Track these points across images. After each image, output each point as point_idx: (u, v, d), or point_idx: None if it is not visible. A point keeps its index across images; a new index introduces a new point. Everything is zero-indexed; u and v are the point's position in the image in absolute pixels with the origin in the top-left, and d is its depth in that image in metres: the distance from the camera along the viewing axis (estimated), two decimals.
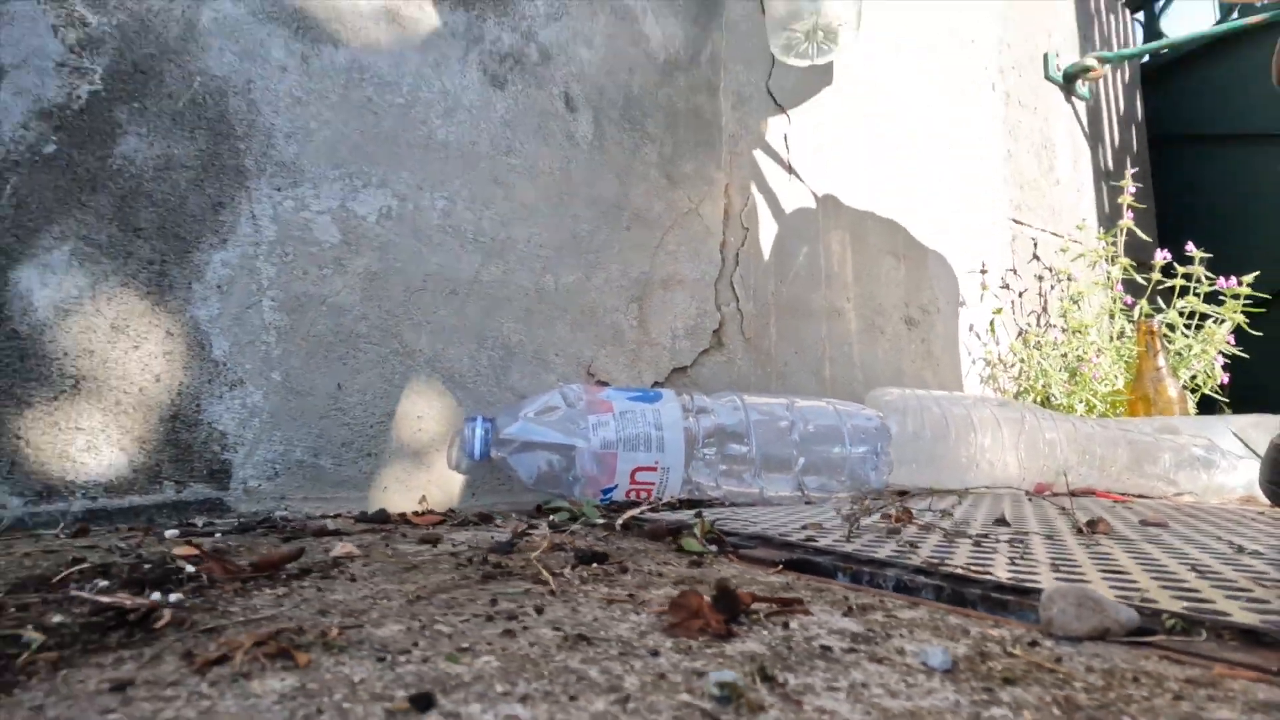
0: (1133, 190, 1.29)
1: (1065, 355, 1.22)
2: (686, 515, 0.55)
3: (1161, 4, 1.91)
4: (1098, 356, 1.16)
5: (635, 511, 0.55)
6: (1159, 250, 1.24)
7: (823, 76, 1.08)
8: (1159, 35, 1.89)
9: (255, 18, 0.64)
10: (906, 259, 1.16)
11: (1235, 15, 1.75)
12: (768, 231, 0.99)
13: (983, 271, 1.23)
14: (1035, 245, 1.42)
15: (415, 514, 0.59)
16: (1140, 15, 1.95)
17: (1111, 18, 1.80)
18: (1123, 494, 0.81)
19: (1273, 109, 1.58)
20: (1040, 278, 1.40)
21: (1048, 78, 1.53)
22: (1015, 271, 1.35)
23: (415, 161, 0.71)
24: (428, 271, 0.70)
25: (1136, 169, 1.38)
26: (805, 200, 1.04)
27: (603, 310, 0.82)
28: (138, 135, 0.57)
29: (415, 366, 0.68)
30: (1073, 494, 0.78)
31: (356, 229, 0.67)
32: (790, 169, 1.03)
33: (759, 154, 1.00)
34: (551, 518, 0.56)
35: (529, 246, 0.77)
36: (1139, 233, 1.29)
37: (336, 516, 0.58)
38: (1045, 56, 1.53)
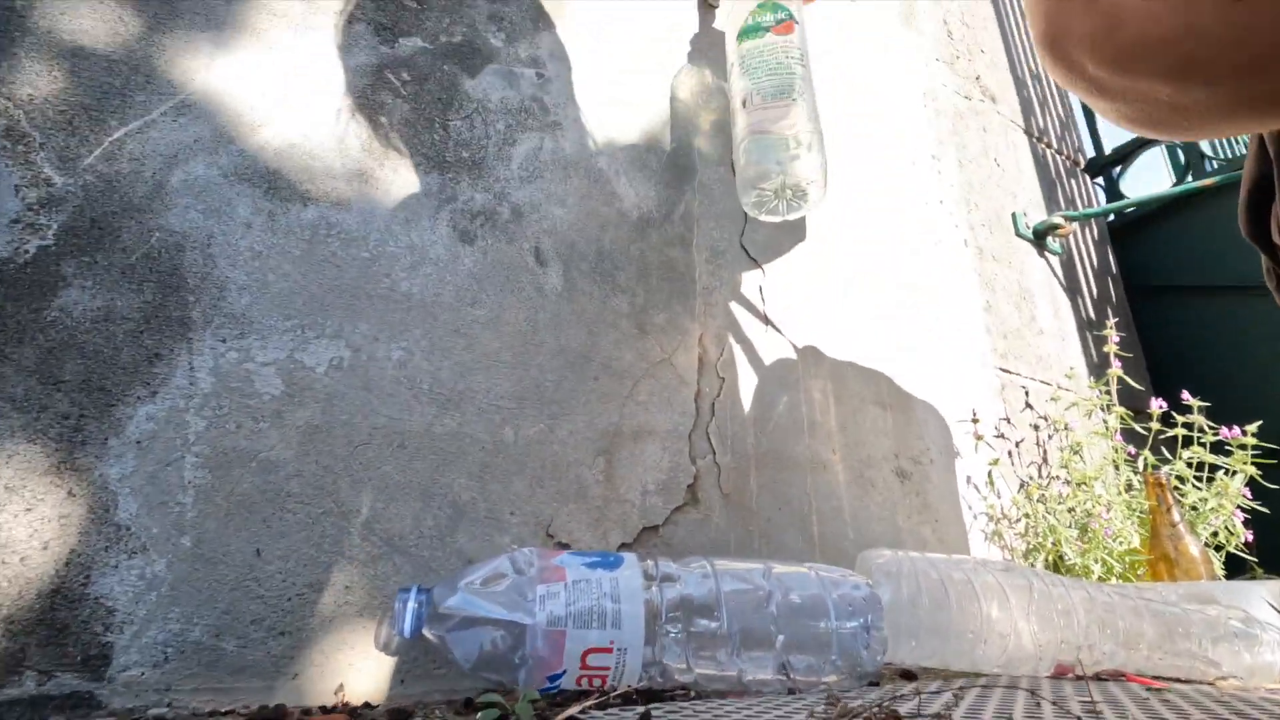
0: (1116, 339, 1.29)
1: (1073, 510, 1.15)
2: (633, 715, 0.46)
3: (1119, 170, 2.04)
4: (1107, 512, 1.09)
5: (575, 710, 0.47)
6: (1154, 398, 1.20)
7: (795, 233, 1.11)
8: (1120, 197, 1.99)
9: (226, 178, 0.66)
10: (893, 408, 1.13)
11: (1190, 179, 1.86)
12: (745, 381, 0.96)
13: (974, 420, 1.19)
14: (1027, 394, 1.39)
15: (322, 709, 0.50)
16: (1100, 180, 2.08)
17: (1073, 182, 1.91)
18: (1156, 677, 0.70)
19: (1236, 262, 1.62)
20: (1036, 427, 1.36)
21: (1018, 234, 1.59)
22: (1009, 421, 1.31)
23: (375, 313, 0.70)
24: (376, 424, 0.66)
25: (1118, 319, 1.39)
26: (783, 350, 1.02)
27: (566, 464, 0.77)
28: (81, 288, 0.56)
29: (350, 528, 0.62)
30: (1098, 677, 0.68)
31: (302, 380, 0.64)
32: (766, 320, 1.02)
33: (734, 305, 1.00)
34: (478, 716, 0.47)
35: (488, 398, 0.74)
36: (1130, 381, 1.27)
37: (228, 713, 0.50)
38: (1013, 216, 1.61)
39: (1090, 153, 2.08)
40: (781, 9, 0.93)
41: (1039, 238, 1.63)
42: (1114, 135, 2.06)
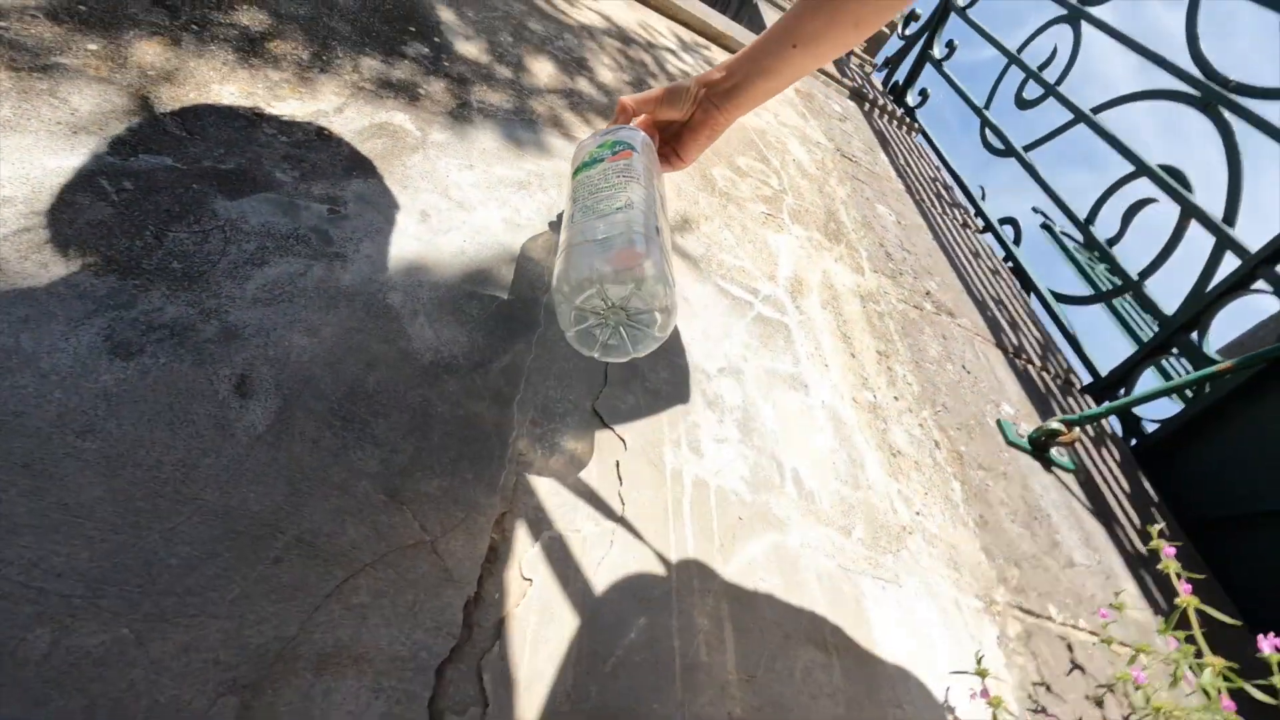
0: (1171, 550, 0.90)
1: None
2: None
3: (1123, 392, 1.80)
4: None
5: None
6: (1263, 637, 0.78)
7: (676, 396, 0.86)
8: (1133, 418, 1.72)
9: None
10: (841, 653, 0.73)
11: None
12: (566, 591, 0.62)
13: (980, 672, 0.76)
14: (1070, 648, 0.95)
15: None
16: (1105, 405, 1.82)
17: (1070, 399, 1.66)
18: None
19: None
20: (1098, 701, 0.89)
21: (1010, 443, 1.30)
22: (1048, 688, 0.86)
23: None
24: None
25: (1166, 531, 1.01)
26: (643, 559, 0.69)
27: (146, 708, 0.42)
28: None
29: None
30: None
31: None
32: (620, 511, 0.71)
33: (566, 487, 0.70)
34: None
35: (30, 574, 0.43)
36: (1215, 614, 0.84)
37: None
38: (999, 423, 1.33)
39: (1085, 378, 1.87)
40: (621, 143, 0.83)
41: (1039, 449, 1.32)
42: (1106, 358, 1.87)
